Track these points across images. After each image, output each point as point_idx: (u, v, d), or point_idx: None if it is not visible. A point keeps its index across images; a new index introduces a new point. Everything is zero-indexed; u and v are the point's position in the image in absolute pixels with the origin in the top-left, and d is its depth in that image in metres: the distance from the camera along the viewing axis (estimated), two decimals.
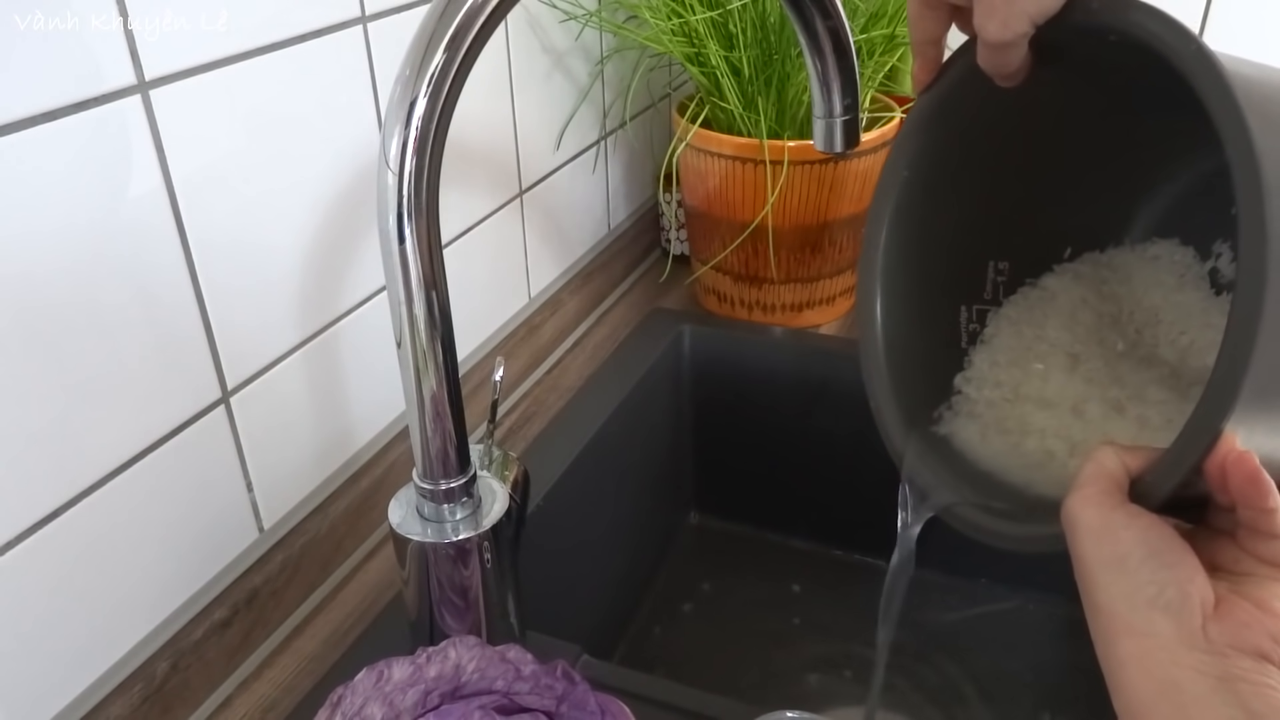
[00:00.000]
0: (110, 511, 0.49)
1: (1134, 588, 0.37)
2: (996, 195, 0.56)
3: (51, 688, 0.48)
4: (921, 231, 0.55)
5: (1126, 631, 0.36)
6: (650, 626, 0.85)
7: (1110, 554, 0.38)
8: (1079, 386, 0.53)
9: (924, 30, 0.50)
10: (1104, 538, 0.38)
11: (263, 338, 0.57)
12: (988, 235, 0.57)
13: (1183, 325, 0.53)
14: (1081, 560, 0.38)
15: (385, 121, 0.41)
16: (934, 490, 0.50)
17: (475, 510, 0.49)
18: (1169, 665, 0.35)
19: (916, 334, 0.55)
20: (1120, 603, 0.37)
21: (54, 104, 0.43)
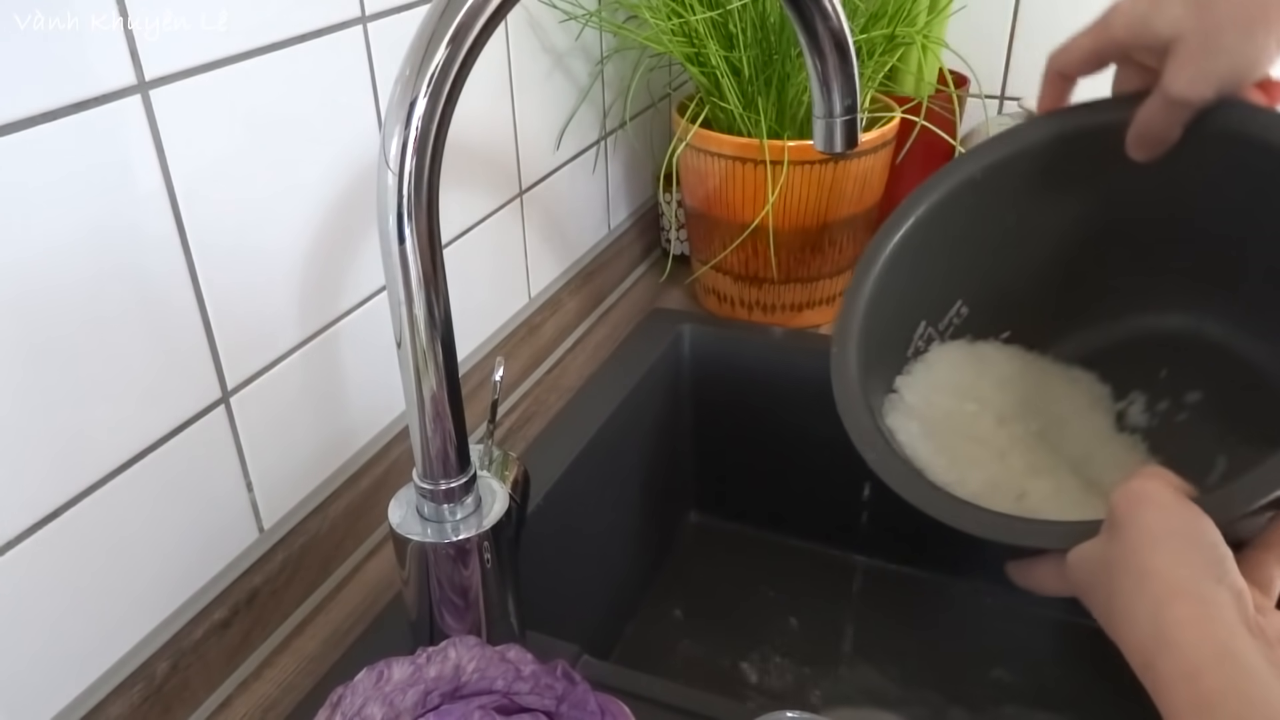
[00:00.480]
0: (110, 511, 0.49)
1: (1201, 559, 0.39)
2: (987, 248, 0.62)
3: (51, 688, 0.48)
4: (926, 244, 0.60)
5: (1187, 595, 0.37)
6: (650, 626, 0.85)
7: (1180, 526, 0.40)
8: (1004, 439, 0.59)
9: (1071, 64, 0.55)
10: (1175, 512, 0.40)
11: (263, 338, 0.57)
12: (969, 277, 0.63)
13: (1085, 441, 0.60)
14: (1144, 529, 0.40)
15: (385, 121, 0.41)
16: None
17: (475, 510, 0.49)
18: (1230, 635, 0.36)
19: (885, 328, 0.59)
20: (1183, 569, 0.38)
21: (54, 104, 0.43)
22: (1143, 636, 0.38)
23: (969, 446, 0.50)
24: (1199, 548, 0.39)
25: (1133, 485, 0.42)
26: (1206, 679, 0.35)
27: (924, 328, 0.62)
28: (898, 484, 0.51)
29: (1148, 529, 0.40)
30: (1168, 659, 0.36)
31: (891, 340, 0.61)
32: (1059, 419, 0.61)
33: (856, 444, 0.53)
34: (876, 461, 0.52)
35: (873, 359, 0.57)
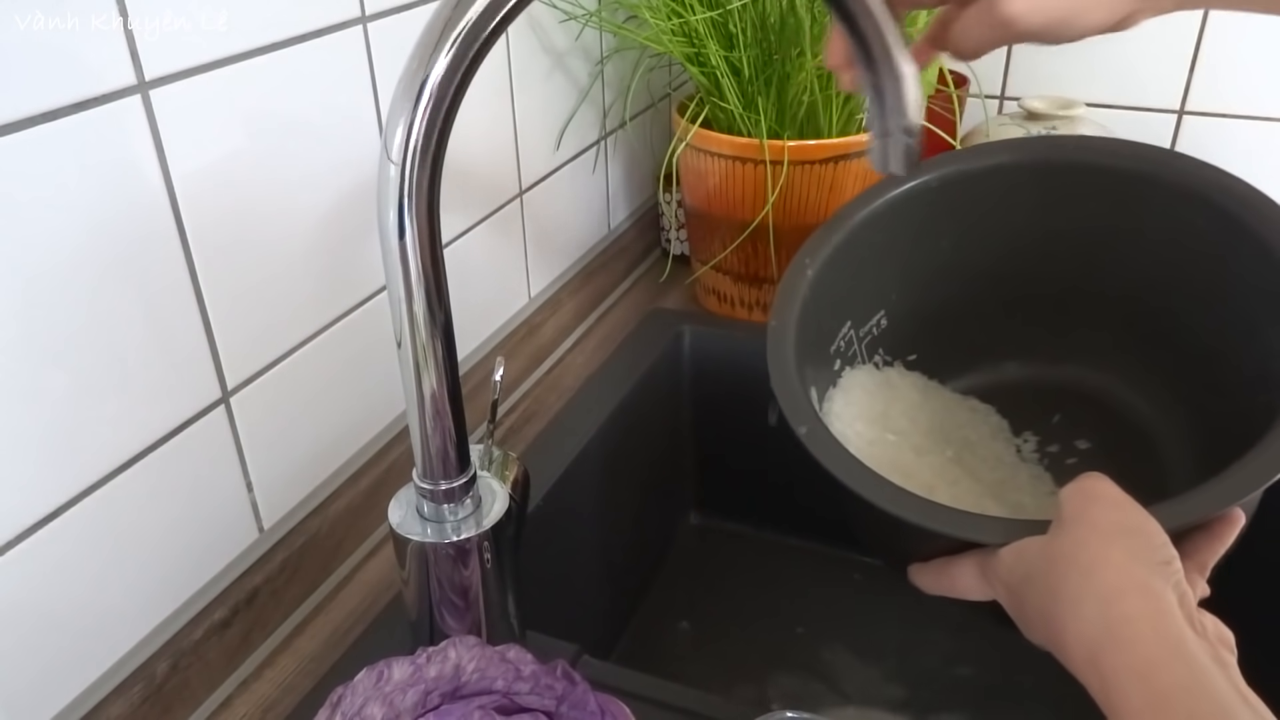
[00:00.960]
0: (110, 511, 0.49)
1: (1152, 558, 0.38)
2: (919, 265, 0.63)
3: (51, 688, 0.48)
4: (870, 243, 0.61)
5: (1139, 591, 0.37)
6: (650, 626, 0.85)
7: (1131, 524, 0.40)
8: (926, 471, 0.59)
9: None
10: (1127, 510, 0.40)
11: (262, 338, 0.57)
12: (895, 290, 0.63)
13: (996, 468, 0.61)
14: (1095, 523, 0.40)
15: (390, 113, 0.40)
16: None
17: (475, 510, 0.49)
18: (1180, 633, 0.36)
19: (819, 317, 0.59)
20: (1134, 565, 0.38)
21: (54, 104, 0.43)
22: (1089, 630, 0.37)
23: (895, 477, 0.49)
24: (1150, 546, 0.39)
25: (1084, 483, 0.42)
26: (1161, 676, 0.34)
27: (848, 329, 0.62)
28: (832, 463, 0.48)
29: (1099, 524, 0.40)
30: (1118, 654, 0.36)
31: (822, 331, 0.60)
32: (968, 445, 0.62)
33: (789, 418, 0.51)
34: (809, 437, 0.50)
35: (807, 344, 0.56)
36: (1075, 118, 0.95)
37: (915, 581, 0.49)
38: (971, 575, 0.45)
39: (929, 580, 0.48)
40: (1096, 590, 0.37)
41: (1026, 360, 0.64)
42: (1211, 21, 1.00)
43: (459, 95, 0.40)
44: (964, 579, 0.46)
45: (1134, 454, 0.59)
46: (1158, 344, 0.59)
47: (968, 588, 0.46)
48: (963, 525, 0.45)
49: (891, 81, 0.49)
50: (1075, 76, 1.06)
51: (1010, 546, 0.43)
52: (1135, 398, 0.61)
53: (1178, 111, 1.05)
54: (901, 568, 0.51)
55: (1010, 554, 0.42)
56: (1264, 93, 1.02)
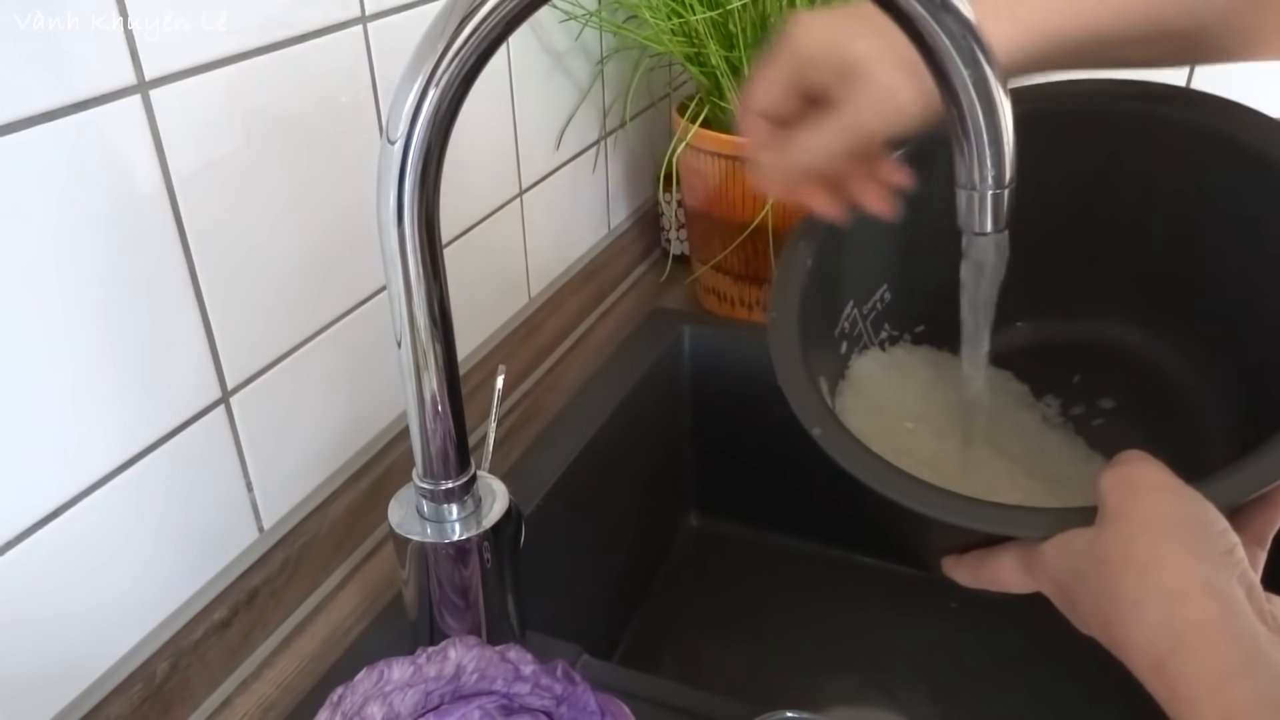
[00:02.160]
0: (110, 511, 0.49)
1: (1213, 550, 0.35)
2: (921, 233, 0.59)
3: (51, 688, 0.48)
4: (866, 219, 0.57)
5: (1204, 591, 0.34)
6: (650, 626, 0.85)
7: (1186, 513, 0.37)
8: (952, 456, 0.56)
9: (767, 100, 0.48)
10: (1179, 498, 0.37)
11: (263, 338, 0.57)
12: (898, 261, 0.60)
13: (1026, 439, 0.58)
14: (1146, 517, 0.37)
15: (395, 94, 0.39)
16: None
17: (475, 510, 0.49)
18: (1254, 637, 0.33)
19: (820, 302, 0.56)
20: (1196, 562, 0.35)
21: (54, 104, 0.43)
22: (1153, 637, 0.34)
23: (919, 467, 0.46)
24: (1209, 536, 0.36)
25: (1125, 470, 0.39)
26: (1235, 688, 0.32)
27: (850, 308, 0.59)
28: (852, 464, 0.45)
29: (1150, 517, 0.36)
30: (1188, 663, 0.33)
31: (826, 315, 0.57)
32: (990, 417, 0.59)
33: (801, 419, 0.48)
34: (824, 438, 0.47)
35: (811, 332, 0.54)
36: None
37: (953, 576, 0.46)
38: (1013, 568, 0.42)
39: (966, 574, 0.45)
40: (1157, 593, 0.34)
41: (1036, 319, 0.61)
42: None
43: (469, 79, 0.39)
44: (1006, 572, 0.43)
45: (1162, 410, 0.56)
46: (1177, 294, 0.55)
47: (1010, 581, 0.42)
48: (999, 520, 0.42)
49: (984, 124, 0.41)
50: (1075, 76, 1.06)
51: (1054, 540, 0.39)
52: (1157, 350, 0.57)
53: None
54: (935, 567, 0.48)
55: (1054, 548, 0.39)
56: (1264, 93, 1.02)
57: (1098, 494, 0.39)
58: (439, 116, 0.39)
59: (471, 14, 0.39)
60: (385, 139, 0.40)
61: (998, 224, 0.44)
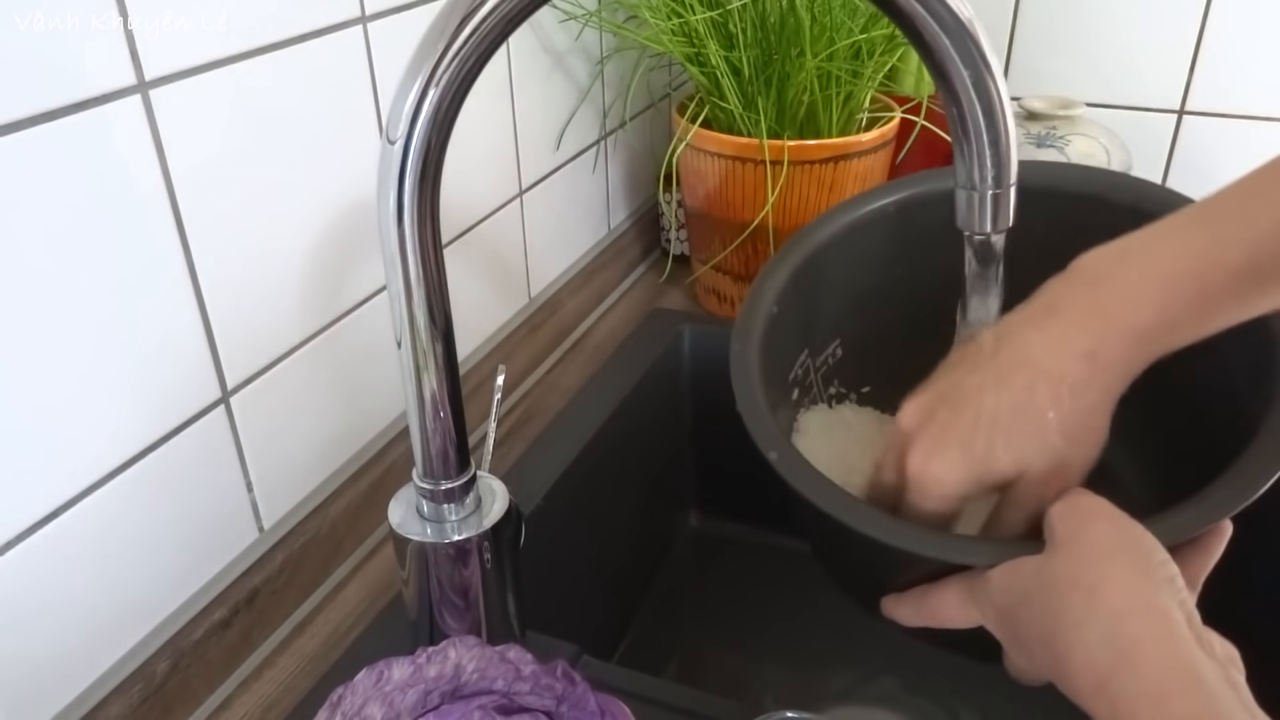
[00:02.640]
0: (110, 511, 0.49)
1: (1157, 575, 0.36)
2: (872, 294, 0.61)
3: (51, 688, 0.48)
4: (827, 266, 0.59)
5: (1147, 611, 0.35)
6: (650, 627, 0.85)
7: (1132, 541, 0.38)
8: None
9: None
10: (1126, 527, 0.38)
11: (263, 337, 0.57)
12: (850, 319, 0.61)
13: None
14: (1095, 542, 0.38)
15: (397, 93, 0.39)
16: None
17: (475, 510, 0.49)
18: (1193, 656, 0.34)
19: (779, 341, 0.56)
20: (1141, 584, 0.36)
21: (54, 104, 0.43)
22: (1097, 655, 0.35)
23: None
24: (1154, 564, 0.37)
25: (1075, 500, 0.40)
26: (1175, 704, 0.33)
27: (805, 357, 0.60)
28: (808, 487, 0.45)
29: (1099, 542, 0.38)
30: (1130, 679, 0.34)
31: (782, 357, 0.58)
32: None
33: (758, 443, 0.49)
34: (780, 463, 0.47)
35: (769, 370, 0.54)
36: (1075, 117, 0.95)
37: (892, 615, 0.47)
38: (955, 601, 0.43)
39: (908, 611, 0.46)
40: (1102, 612, 0.36)
41: None
42: (1211, 21, 1.00)
43: (469, 79, 0.39)
44: (947, 606, 0.43)
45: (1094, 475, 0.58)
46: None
47: (952, 615, 0.43)
48: (952, 549, 0.43)
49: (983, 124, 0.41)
50: (1075, 76, 1.06)
51: (1001, 567, 0.40)
52: None
53: (1178, 111, 1.05)
54: (874, 606, 0.49)
55: (1002, 575, 0.40)
56: (1264, 93, 1.02)
57: (1046, 523, 0.40)
58: (439, 116, 0.39)
59: (471, 14, 0.39)
60: (385, 139, 0.40)
61: (997, 224, 0.44)
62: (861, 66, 0.81)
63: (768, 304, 0.56)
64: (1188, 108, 1.05)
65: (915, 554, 0.43)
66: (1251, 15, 0.99)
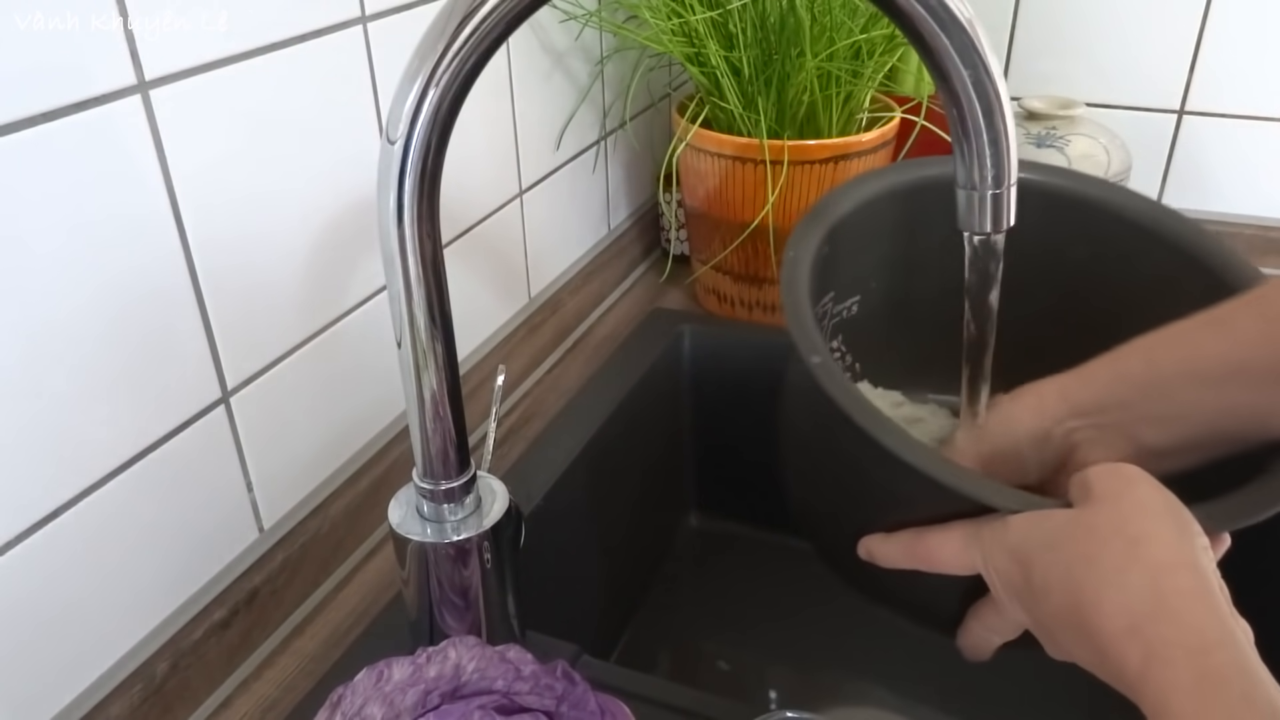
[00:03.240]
0: (110, 511, 0.49)
1: (1195, 542, 0.38)
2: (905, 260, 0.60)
3: (51, 688, 0.48)
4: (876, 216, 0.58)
5: (1190, 568, 0.36)
6: (650, 627, 0.85)
7: (1174, 508, 0.39)
8: None
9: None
10: (1167, 495, 0.39)
11: (263, 337, 0.57)
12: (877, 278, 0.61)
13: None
14: (1141, 500, 0.39)
15: (396, 93, 0.39)
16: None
17: (475, 510, 0.49)
18: (1227, 614, 0.35)
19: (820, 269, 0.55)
20: (1183, 543, 0.37)
21: (54, 104, 0.43)
22: (1134, 600, 0.35)
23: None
24: (1193, 531, 0.38)
25: (1117, 466, 0.41)
26: (1215, 655, 0.33)
27: (828, 299, 0.59)
28: (844, 398, 0.44)
29: (1145, 501, 0.39)
30: (1169, 627, 0.35)
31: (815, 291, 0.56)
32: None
33: (800, 348, 0.47)
34: (820, 368, 0.45)
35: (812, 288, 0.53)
36: (1075, 117, 0.95)
37: (873, 554, 0.46)
38: (956, 544, 0.42)
39: (894, 550, 0.45)
40: (1146, 561, 0.36)
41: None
42: (1211, 22, 1.00)
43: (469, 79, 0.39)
44: (947, 549, 0.43)
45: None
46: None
47: (948, 558, 0.43)
48: (986, 489, 0.42)
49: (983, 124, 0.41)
50: (1075, 76, 1.06)
51: (1026, 515, 0.40)
52: None
53: (1178, 111, 1.05)
54: (844, 555, 0.48)
55: (1025, 521, 0.40)
56: (1264, 93, 1.02)
57: (1080, 483, 0.41)
58: (439, 116, 0.39)
59: (471, 14, 0.39)
60: (385, 139, 0.40)
61: (997, 224, 0.44)
62: (861, 66, 0.81)
63: (823, 228, 0.55)
64: (1188, 108, 1.05)
65: (945, 486, 0.41)
66: (1251, 15, 0.99)
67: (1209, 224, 1.04)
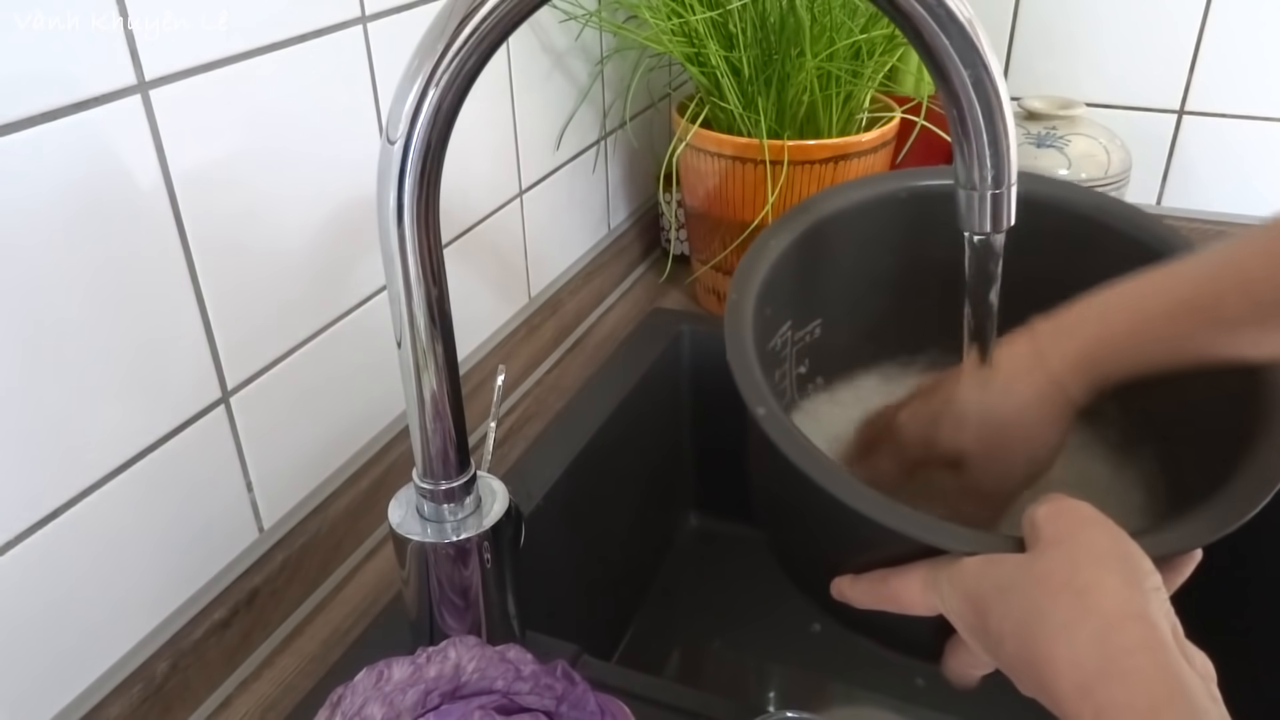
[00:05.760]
0: (110, 511, 0.49)
1: (1145, 585, 0.37)
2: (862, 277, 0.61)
3: (51, 688, 0.48)
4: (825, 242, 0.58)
5: (1137, 619, 0.35)
6: (650, 627, 0.85)
7: (1124, 550, 0.38)
8: None
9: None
10: (1117, 536, 0.38)
11: (263, 337, 0.57)
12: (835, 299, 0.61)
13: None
14: (1088, 546, 0.38)
15: (396, 92, 0.39)
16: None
17: (475, 510, 0.49)
18: (1180, 669, 0.34)
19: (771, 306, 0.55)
20: (1131, 592, 0.36)
21: (54, 104, 0.43)
22: (1082, 659, 0.35)
23: None
24: (1143, 573, 0.37)
25: (1063, 503, 0.40)
26: (1164, 715, 0.33)
27: (786, 329, 0.59)
28: (792, 449, 0.43)
29: (1092, 546, 0.38)
30: (1118, 688, 0.34)
31: (769, 322, 0.56)
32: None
33: (746, 397, 0.47)
34: (767, 419, 0.45)
35: (759, 332, 0.53)
36: (1075, 117, 0.95)
37: (844, 595, 0.46)
38: (918, 586, 0.42)
39: (863, 592, 0.45)
40: (1093, 616, 0.35)
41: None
42: (1211, 22, 1.00)
43: (469, 79, 0.39)
44: (909, 590, 0.43)
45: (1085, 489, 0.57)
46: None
47: (911, 600, 0.43)
48: (933, 530, 0.42)
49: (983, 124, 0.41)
50: (1075, 76, 1.06)
51: (980, 557, 0.40)
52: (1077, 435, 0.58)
53: (1178, 111, 1.05)
54: (819, 591, 0.48)
55: (979, 564, 0.40)
56: (1264, 93, 1.02)
57: (1029, 523, 0.40)
58: (439, 116, 0.39)
59: (471, 14, 0.39)
60: (385, 139, 0.40)
61: (997, 224, 0.44)
62: (861, 66, 0.82)
63: (767, 265, 0.54)
64: (1188, 108, 1.05)
65: (892, 530, 0.41)
66: (1251, 15, 0.99)
67: (1209, 224, 1.04)
